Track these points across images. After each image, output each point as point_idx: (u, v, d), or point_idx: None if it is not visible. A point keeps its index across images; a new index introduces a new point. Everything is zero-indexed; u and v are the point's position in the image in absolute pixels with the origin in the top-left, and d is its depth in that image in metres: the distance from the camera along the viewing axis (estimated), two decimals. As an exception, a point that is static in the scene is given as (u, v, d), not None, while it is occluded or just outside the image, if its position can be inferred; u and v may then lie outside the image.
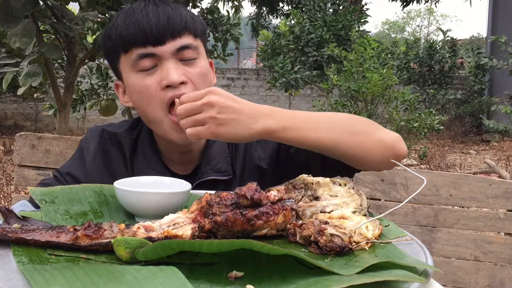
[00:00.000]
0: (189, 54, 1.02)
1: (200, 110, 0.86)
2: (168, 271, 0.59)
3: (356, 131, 0.96)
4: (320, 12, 8.16)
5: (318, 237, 0.70)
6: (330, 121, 0.96)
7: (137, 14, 1.01)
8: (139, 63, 1.01)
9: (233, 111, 0.86)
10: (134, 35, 1.00)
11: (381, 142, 0.97)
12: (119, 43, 1.03)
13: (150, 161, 1.11)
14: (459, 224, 1.63)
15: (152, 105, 1.02)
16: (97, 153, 1.13)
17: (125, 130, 1.16)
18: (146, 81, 1.01)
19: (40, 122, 10.90)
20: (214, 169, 1.09)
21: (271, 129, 0.89)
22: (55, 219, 0.81)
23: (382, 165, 1.01)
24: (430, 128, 4.91)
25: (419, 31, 42.77)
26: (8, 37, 2.25)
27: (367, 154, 0.97)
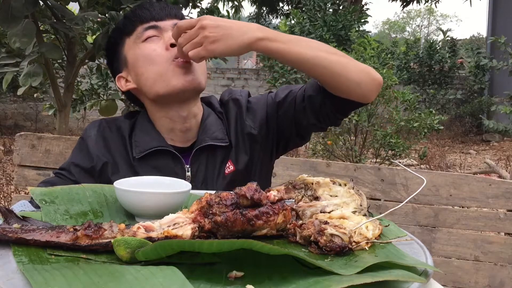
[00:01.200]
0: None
1: (196, 34, 0.99)
2: (168, 271, 0.59)
3: (333, 52, 1.07)
4: (320, 12, 8.16)
5: (318, 237, 0.70)
6: (310, 41, 1.07)
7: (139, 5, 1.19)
8: (144, 33, 1.15)
9: (223, 28, 0.99)
10: (140, 14, 1.17)
11: (356, 63, 1.08)
12: (125, 26, 1.19)
13: (150, 133, 1.18)
14: (459, 224, 1.63)
15: (157, 62, 1.13)
16: (97, 138, 1.19)
17: (123, 117, 1.26)
18: (152, 46, 1.14)
19: (40, 122, 10.90)
20: (211, 137, 1.18)
21: (258, 38, 1.00)
22: (55, 219, 0.81)
23: (362, 87, 1.08)
24: (430, 128, 4.90)
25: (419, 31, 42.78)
26: (8, 37, 2.24)
27: (347, 72, 1.05)
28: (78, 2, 2.73)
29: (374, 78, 1.08)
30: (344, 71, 1.05)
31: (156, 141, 1.16)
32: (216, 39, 0.98)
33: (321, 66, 1.04)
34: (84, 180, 1.12)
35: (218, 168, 1.17)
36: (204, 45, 0.99)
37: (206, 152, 1.17)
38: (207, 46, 0.98)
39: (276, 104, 1.21)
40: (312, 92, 1.15)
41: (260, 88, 11.96)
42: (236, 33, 0.99)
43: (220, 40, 0.98)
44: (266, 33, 1.01)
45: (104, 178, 1.14)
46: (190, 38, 1.01)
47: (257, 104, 1.23)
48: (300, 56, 1.03)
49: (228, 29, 0.99)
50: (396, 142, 4.75)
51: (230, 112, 1.24)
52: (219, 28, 0.98)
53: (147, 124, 1.20)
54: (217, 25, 0.98)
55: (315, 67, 1.05)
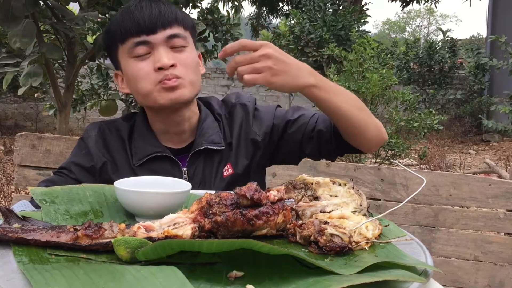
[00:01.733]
0: (179, 42, 1.15)
1: (258, 60, 0.97)
2: (168, 271, 0.59)
3: (362, 108, 1.12)
4: (320, 12, 8.15)
5: (318, 237, 0.70)
6: (347, 94, 1.12)
7: (132, 8, 1.14)
8: (134, 50, 1.13)
9: (285, 64, 0.99)
10: (130, 26, 1.13)
11: (375, 122, 1.14)
12: (117, 35, 1.16)
13: (147, 139, 1.20)
14: (459, 224, 1.63)
15: (145, 82, 1.13)
16: (97, 139, 1.21)
17: (121, 119, 1.27)
18: (140, 65, 1.13)
19: (41, 122, 10.90)
20: (208, 140, 1.20)
21: (310, 84, 1.02)
22: (55, 219, 0.81)
23: (370, 143, 1.16)
24: (430, 128, 4.90)
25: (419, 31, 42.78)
26: (8, 37, 2.24)
27: (366, 131, 1.12)
28: (78, 2, 2.73)
29: (383, 137, 1.17)
30: (365, 129, 1.12)
31: (153, 146, 1.19)
32: (277, 73, 0.98)
33: (349, 120, 1.09)
34: (84, 178, 1.14)
35: (215, 170, 1.20)
36: (265, 75, 0.97)
37: (203, 155, 1.19)
38: (267, 77, 0.97)
39: (285, 121, 1.24)
40: (323, 128, 1.19)
41: (260, 88, 11.95)
42: (295, 73, 1.00)
43: (280, 75, 0.98)
44: (317, 80, 1.04)
45: (105, 177, 1.16)
46: (250, 61, 0.98)
47: (264, 113, 1.26)
48: (336, 107, 1.07)
49: (288, 66, 0.99)
50: (396, 142, 4.74)
51: (236, 116, 1.25)
52: (282, 63, 0.98)
53: (144, 128, 1.21)
54: (281, 59, 0.98)
55: (343, 119, 1.09)
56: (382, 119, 5.66)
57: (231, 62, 1.01)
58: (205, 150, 1.19)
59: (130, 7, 1.16)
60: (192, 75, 1.16)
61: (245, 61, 0.99)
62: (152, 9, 1.14)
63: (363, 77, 5.17)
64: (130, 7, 1.16)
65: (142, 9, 1.14)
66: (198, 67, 1.20)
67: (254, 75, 0.98)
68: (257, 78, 0.98)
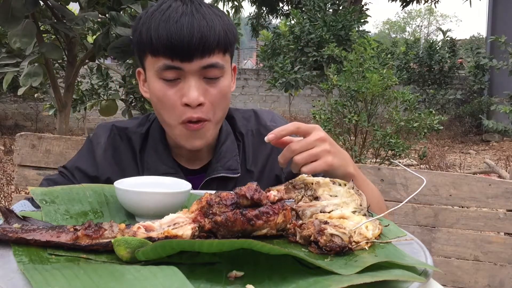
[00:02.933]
0: (214, 73, 1.03)
1: (314, 145, 0.94)
2: (168, 271, 0.59)
3: (381, 206, 1.09)
4: (320, 12, 8.16)
5: (318, 237, 0.70)
6: (374, 190, 1.11)
7: (171, 23, 0.99)
8: (163, 73, 1.02)
9: (337, 147, 0.98)
10: (165, 46, 1.00)
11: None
12: (148, 47, 1.03)
13: (161, 156, 1.13)
14: (459, 224, 1.63)
15: (169, 114, 1.05)
16: (107, 147, 1.14)
17: (134, 126, 1.17)
18: (167, 91, 1.03)
19: (41, 122, 10.90)
20: (225, 166, 1.12)
21: (351, 174, 1.00)
22: (56, 219, 0.81)
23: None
24: (430, 128, 4.91)
25: (419, 31, 42.78)
26: (8, 37, 2.24)
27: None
28: (78, 2, 2.73)
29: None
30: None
31: (166, 166, 1.11)
32: (335, 155, 0.95)
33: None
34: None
35: None
36: (325, 160, 0.94)
37: (217, 181, 1.12)
38: (329, 160, 0.94)
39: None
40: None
41: (260, 88, 11.96)
42: (344, 157, 0.99)
43: (337, 157, 0.96)
44: (356, 170, 1.03)
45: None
46: (307, 148, 0.94)
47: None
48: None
49: (339, 149, 0.99)
50: (396, 142, 4.75)
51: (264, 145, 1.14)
52: (335, 146, 0.97)
53: (159, 142, 1.14)
54: (333, 142, 0.97)
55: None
56: (382, 119, 5.66)
57: (285, 152, 0.95)
58: (221, 177, 1.11)
59: (169, 19, 0.99)
60: (220, 113, 1.07)
61: (301, 148, 0.93)
62: (193, 30, 0.99)
63: (363, 77, 5.17)
64: (169, 19, 1.00)
65: (182, 30, 0.98)
66: (229, 94, 1.10)
67: (313, 165, 0.93)
68: (316, 167, 0.94)
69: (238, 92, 12.04)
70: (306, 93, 11.16)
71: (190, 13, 1.01)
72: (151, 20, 1.02)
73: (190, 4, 1.03)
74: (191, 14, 1.00)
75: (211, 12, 1.04)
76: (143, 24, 1.04)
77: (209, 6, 1.05)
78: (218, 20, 1.03)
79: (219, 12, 1.07)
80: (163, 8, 1.02)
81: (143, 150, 1.15)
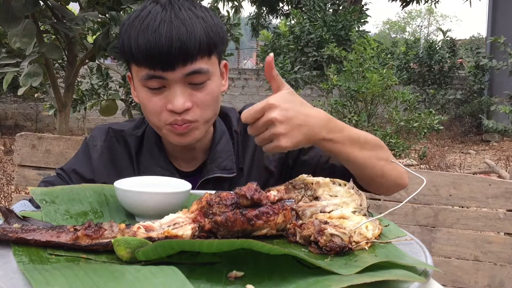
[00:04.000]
0: (199, 79, 1.01)
1: (265, 128, 0.87)
2: (168, 271, 0.59)
3: (380, 157, 1.02)
4: (320, 12, 8.15)
5: (318, 237, 0.70)
6: (365, 142, 1.00)
7: (150, 33, 0.97)
8: (147, 82, 1.01)
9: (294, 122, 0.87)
10: (144, 57, 0.98)
11: (396, 172, 1.05)
12: (130, 57, 1.02)
13: (156, 158, 1.13)
14: (459, 224, 1.63)
15: (155, 118, 1.05)
16: (103, 150, 1.14)
17: (130, 128, 1.17)
18: (152, 99, 1.02)
19: (41, 122, 10.90)
20: (220, 166, 1.11)
21: (324, 138, 0.92)
22: (56, 219, 0.81)
23: (385, 191, 1.10)
24: (430, 128, 4.91)
25: (419, 31, 42.79)
26: (8, 37, 2.25)
27: (383, 179, 1.04)
28: (78, 2, 2.73)
29: (403, 185, 1.09)
30: (381, 179, 1.04)
31: (162, 168, 1.11)
32: (287, 135, 0.86)
33: (365, 170, 1.01)
34: None
35: None
36: (275, 143, 0.87)
37: (212, 182, 1.11)
38: (278, 143, 0.86)
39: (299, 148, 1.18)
40: (336, 162, 1.12)
41: (260, 88, 11.95)
42: (308, 129, 0.89)
43: (291, 136, 0.87)
44: (331, 134, 0.92)
45: None
46: (258, 132, 0.88)
47: None
48: (350, 160, 0.98)
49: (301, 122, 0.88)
50: (396, 142, 4.75)
51: (249, 141, 1.15)
52: (291, 121, 0.86)
53: (154, 145, 1.13)
54: (289, 117, 0.86)
55: (359, 170, 1.01)
56: (382, 119, 5.66)
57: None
58: (216, 177, 1.11)
59: (148, 29, 0.97)
60: (208, 113, 1.05)
61: (253, 133, 0.89)
62: (172, 39, 0.96)
63: (363, 77, 5.17)
64: (148, 28, 0.97)
65: (160, 39, 0.96)
66: (219, 95, 1.08)
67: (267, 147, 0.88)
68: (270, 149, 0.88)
69: (238, 92, 12.04)
70: (306, 93, 11.16)
71: (169, 20, 0.98)
72: (131, 29, 1.00)
73: (170, 8, 0.99)
74: (169, 21, 0.97)
75: (192, 14, 1.00)
76: (124, 32, 1.02)
77: (190, 8, 1.02)
78: (200, 23, 1.00)
79: (202, 12, 1.03)
80: (142, 16, 1.00)
81: (139, 153, 1.14)
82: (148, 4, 1.02)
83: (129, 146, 1.15)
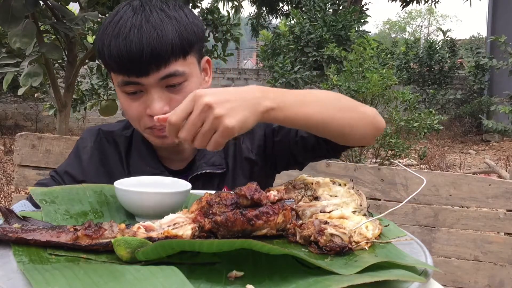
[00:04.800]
0: (176, 81, 1.00)
1: (202, 119, 0.77)
2: (168, 271, 0.59)
3: (343, 107, 0.96)
4: (320, 12, 8.15)
5: (318, 237, 0.70)
6: (318, 99, 0.93)
7: (120, 40, 0.96)
8: (124, 87, 1.01)
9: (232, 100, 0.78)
10: (117, 64, 0.98)
11: (364, 116, 0.98)
12: (105, 63, 1.03)
13: (145, 158, 1.13)
14: (459, 224, 1.63)
15: (135, 122, 1.06)
16: (93, 151, 1.14)
17: (120, 129, 1.17)
18: (132, 104, 1.03)
19: (41, 122, 10.90)
20: (209, 163, 1.11)
21: (269, 108, 0.82)
22: (56, 219, 0.81)
23: (365, 140, 1.02)
24: (430, 128, 4.90)
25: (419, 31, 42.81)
26: (8, 37, 2.25)
27: (353, 129, 0.97)
28: (78, 2, 2.73)
29: (379, 127, 1.02)
30: (353, 129, 0.97)
31: (152, 168, 1.10)
32: (229, 114, 0.77)
33: (329, 128, 0.94)
34: None
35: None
36: (220, 129, 0.76)
37: (202, 179, 1.10)
38: (223, 128, 0.76)
39: (271, 130, 1.14)
40: (304, 134, 1.07)
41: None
42: (248, 103, 0.80)
43: (234, 114, 0.77)
44: (273, 101, 0.83)
45: None
46: (195, 129, 0.78)
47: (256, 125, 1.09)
48: (308, 120, 0.90)
49: (238, 100, 0.79)
50: (396, 142, 4.75)
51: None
52: (228, 101, 0.77)
53: (142, 145, 1.13)
54: (224, 99, 0.77)
55: (323, 128, 0.94)
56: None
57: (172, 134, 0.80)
58: (205, 173, 1.10)
59: (119, 36, 0.97)
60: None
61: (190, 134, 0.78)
62: (143, 45, 0.95)
63: (363, 77, 5.17)
64: (119, 35, 0.97)
65: (131, 45, 0.95)
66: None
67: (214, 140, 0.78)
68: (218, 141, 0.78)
69: (238, 92, 12.05)
70: (306, 93, 11.16)
71: (139, 25, 0.97)
72: (104, 36, 1.00)
73: (141, 12, 0.99)
74: (139, 26, 0.97)
75: (164, 16, 0.99)
76: (99, 39, 1.02)
77: (162, 8, 1.00)
78: (172, 24, 0.98)
79: (176, 11, 1.02)
80: (115, 21, 0.99)
81: (128, 153, 1.14)
82: (122, 7, 1.02)
83: (119, 146, 1.15)
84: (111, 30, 0.99)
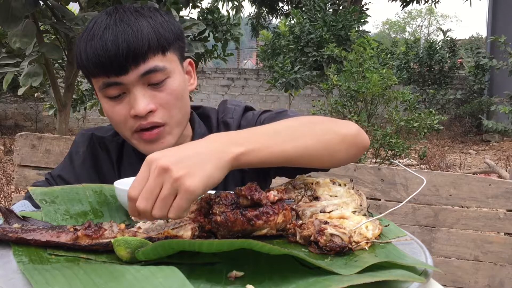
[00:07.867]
0: (157, 77, 0.98)
1: (159, 186, 0.68)
2: (168, 271, 0.59)
3: (318, 134, 0.88)
4: (320, 12, 8.16)
5: (318, 237, 0.70)
6: (291, 130, 0.87)
7: (96, 40, 0.95)
8: (106, 91, 0.99)
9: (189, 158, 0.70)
10: (95, 65, 0.96)
11: (344, 138, 0.91)
12: (83, 70, 1.01)
13: (135, 165, 1.09)
14: (459, 224, 1.63)
15: (121, 127, 1.02)
16: (86, 157, 1.13)
17: (111, 135, 1.15)
18: (115, 108, 1.00)
19: (40, 122, 10.91)
20: None
21: (238, 153, 0.74)
22: (55, 219, 0.81)
23: (349, 160, 0.96)
24: (430, 128, 4.91)
25: (419, 31, 42.81)
26: (8, 37, 2.25)
27: (333, 154, 0.90)
28: (78, 2, 2.73)
29: (362, 146, 0.95)
30: (331, 154, 0.90)
31: None
32: (190, 173, 0.68)
33: (308, 158, 0.87)
34: None
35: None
36: (181, 192, 0.67)
37: None
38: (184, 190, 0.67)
39: None
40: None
41: (260, 88, 11.96)
42: (210, 156, 0.71)
43: (196, 172, 0.68)
44: (242, 145, 0.76)
45: None
46: (154, 196, 0.68)
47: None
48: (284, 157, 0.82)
49: (195, 156, 0.70)
50: (396, 142, 4.75)
51: None
52: (186, 159, 0.69)
53: (133, 155, 1.10)
54: (181, 157, 0.69)
55: (301, 161, 0.86)
56: (382, 119, 5.67)
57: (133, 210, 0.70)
58: None
59: (94, 38, 0.96)
60: (177, 114, 1.01)
61: (147, 204, 0.68)
62: (118, 41, 0.94)
63: (363, 77, 5.17)
64: (94, 37, 0.96)
65: (106, 45, 0.94)
66: (185, 94, 1.03)
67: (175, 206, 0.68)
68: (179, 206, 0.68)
69: (238, 92, 12.04)
70: (306, 93, 11.16)
71: (113, 24, 0.96)
72: (80, 43, 0.99)
73: (114, 14, 0.98)
74: (114, 25, 0.96)
75: (138, 15, 0.99)
76: (77, 47, 1.01)
77: (136, 9, 1.00)
78: (147, 21, 0.98)
79: (150, 12, 1.01)
80: (89, 27, 0.99)
81: (120, 161, 1.13)
82: (97, 16, 1.01)
83: (110, 153, 1.13)
84: (87, 35, 0.98)
